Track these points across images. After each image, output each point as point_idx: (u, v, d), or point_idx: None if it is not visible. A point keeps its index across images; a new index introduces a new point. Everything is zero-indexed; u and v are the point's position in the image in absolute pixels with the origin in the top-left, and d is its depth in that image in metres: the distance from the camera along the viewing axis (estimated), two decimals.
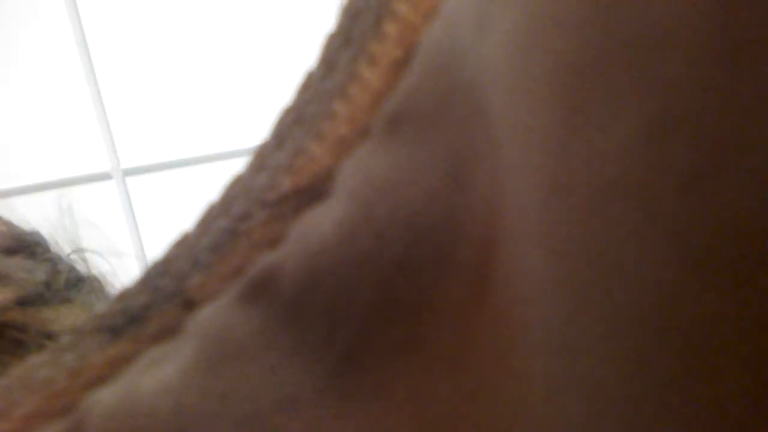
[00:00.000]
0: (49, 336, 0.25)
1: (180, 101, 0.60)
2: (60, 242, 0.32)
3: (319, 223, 0.09)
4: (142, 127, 0.60)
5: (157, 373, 0.09)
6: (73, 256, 0.32)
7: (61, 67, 0.57)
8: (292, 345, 0.09)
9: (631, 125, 0.07)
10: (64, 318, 0.27)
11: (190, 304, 0.09)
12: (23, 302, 0.26)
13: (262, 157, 0.10)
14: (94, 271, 0.32)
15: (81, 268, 0.32)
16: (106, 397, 0.09)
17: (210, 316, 0.09)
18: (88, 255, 0.33)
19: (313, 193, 0.09)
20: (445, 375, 0.08)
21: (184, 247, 0.09)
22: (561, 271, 0.08)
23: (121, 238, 0.61)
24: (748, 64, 0.06)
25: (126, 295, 0.09)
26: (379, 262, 0.09)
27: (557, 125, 0.07)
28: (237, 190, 0.10)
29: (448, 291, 0.09)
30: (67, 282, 0.29)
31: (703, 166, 0.06)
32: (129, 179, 0.61)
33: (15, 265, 0.28)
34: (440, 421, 0.08)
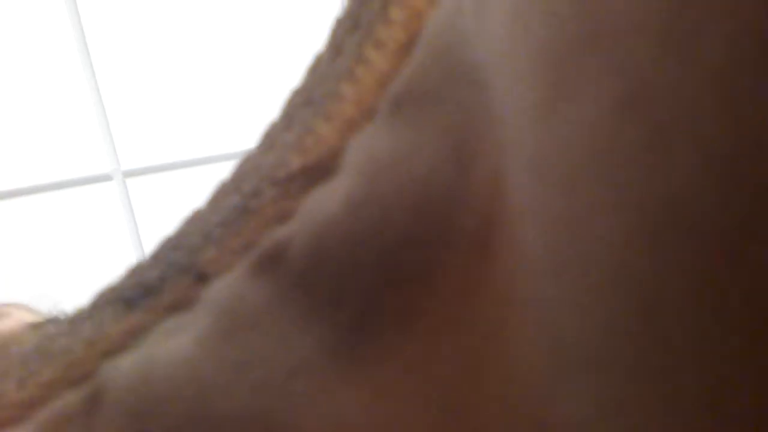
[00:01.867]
0: None
1: (180, 103, 0.60)
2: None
3: (327, 198, 0.09)
4: (142, 129, 0.60)
5: (173, 343, 0.09)
6: None
7: (61, 67, 0.57)
8: (302, 314, 0.09)
9: (600, 103, 0.07)
10: None
11: (203, 277, 0.09)
12: None
13: (272, 137, 0.10)
14: None
15: None
16: (124, 366, 0.09)
17: (223, 288, 0.09)
18: None
19: (320, 171, 0.10)
20: (449, 340, 0.09)
21: (196, 223, 0.10)
22: (546, 244, 0.08)
23: (122, 239, 0.61)
24: (691, 46, 0.07)
25: (139, 268, 0.09)
26: (384, 235, 0.09)
27: (540, 103, 0.08)
28: (247, 168, 0.10)
29: (450, 261, 0.09)
30: None
31: (659, 136, 0.07)
32: (129, 180, 0.61)
33: None
34: (445, 383, 0.09)
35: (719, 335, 0.07)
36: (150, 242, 0.62)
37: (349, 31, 0.10)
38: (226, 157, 0.61)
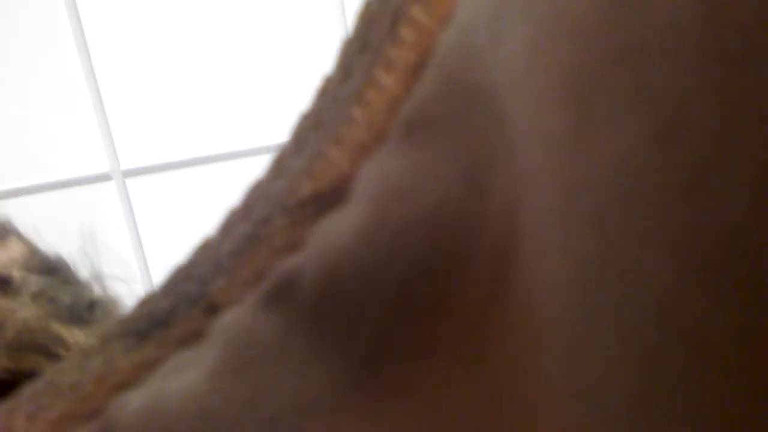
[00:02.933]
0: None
1: (180, 103, 0.60)
2: (79, 265, 0.33)
3: (338, 227, 0.09)
4: (142, 129, 0.60)
5: (183, 378, 0.09)
6: (92, 280, 0.33)
7: (61, 67, 0.57)
8: (313, 348, 0.09)
9: (635, 132, 0.07)
10: (79, 340, 0.27)
11: (213, 309, 0.09)
12: (49, 318, 0.27)
13: (282, 162, 0.10)
14: (110, 294, 0.33)
15: (98, 290, 0.32)
16: (133, 401, 0.09)
17: (232, 320, 0.09)
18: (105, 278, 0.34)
19: (332, 197, 0.09)
20: (464, 377, 0.09)
21: (206, 251, 0.10)
22: (572, 277, 0.08)
23: (121, 239, 0.61)
24: (741, 67, 0.06)
25: (150, 299, 0.09)
26: (397, 266, 0.09)
27: (566, 132, 0.08)
28: (257, 195, 0.10)
29: (465, 294, 0.09)
30: (87, 305, 0.30)
31: (701, 171, 0.07)
32: (129, 180, 0.61)
33: (43, 284, 0.28)
34: (460, 421, 0.09)
35: None
36: (150, 242, 0.62)
37: (358, 53, 0.10)
38: (226, 157, 0.61)
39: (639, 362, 0.07)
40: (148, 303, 0.09)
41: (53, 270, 0.30)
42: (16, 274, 0.28)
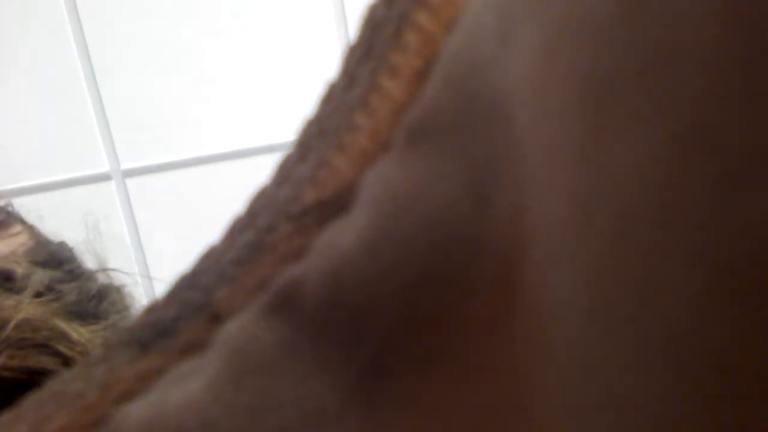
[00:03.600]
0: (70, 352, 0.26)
1: (180, 103, 0.60)
2: (84, 255, 0.33)
3: (342, 235, 0.09)
4: (142, 129, 0.60)
5: (185, 387, 0.09)
6: (97, 269, 0.33)
7: (60, 67, 0.57)
8: (316, 357, 0.09)
9: (655, 141, 0.07)
10: (84, 336, 0.27)
11: (217, 318, 0.09)
12: (52, 316, 0.27)
13: (286, 170, 0.10)
14: (115, 283, 0.33)
15: (103, 280, 0.32)
16: (136, 411, 0.09)
17: (235, 329, 0.09)
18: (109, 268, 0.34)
19: (336, 205, 0.09)
20: (470, 388, 0.08)
21: (210, 259, 0.09)
22: (588, 289, 0.07)
23: (121, 238, 0.61)
24: (764, 70, 0.06)
25: (154, 308, 0.09)
26: (401, 275, 0.09)
27: (580, 141, 0.07)
28: (262, 202, 0.10)
29: (470, 304, 0.09)
30: (92, 297, 0.30)
31: (728, 181, 0.06)
32: (129, 180, 0.61)
33: (48, 279, 0.28)
34: (465, 431, 0.09)
35: None
36: (149, 242, 0.62)
37: (363, 59, 0.10)
38: (225, 157, 0.61)
39: (661, 379, 0.07)
40: (151, 312, 0.09)
41: (58, 261, 0.30)
42: (19, 267, 0.28)
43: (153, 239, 0.62)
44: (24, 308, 0.26)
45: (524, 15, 0.08)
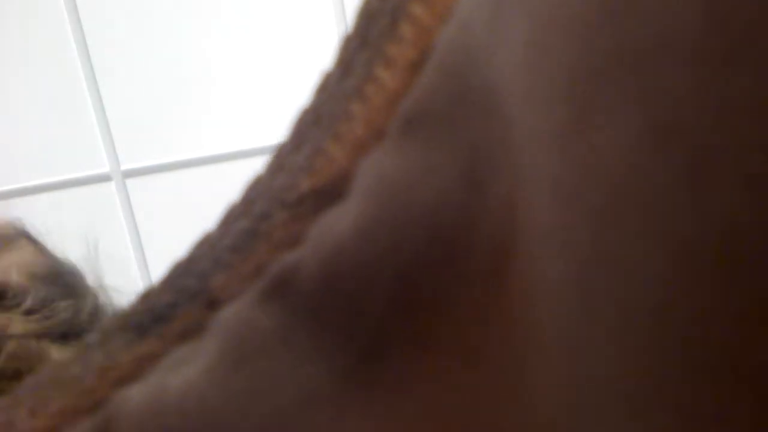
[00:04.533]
0: None
1: (180, 103, 0.60)
2: (85, 271, 0.33)
3: (337, 223, 0.09)
4: (142, 129, 0.60)
5: (183, 372, 0.09)
6: (96, 288, 0.33)
7: (60, 67, 0.57)
8: (312, 342, 0.09)
9: (633, 130, 0.07)
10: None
11: (213, 304, 0.09)
12: (41, 336, 0.27)
13: (281, 158, 0.10)
14: (114, 304, 0.33)
15: (102, 298, 0.33)
16: (134, 395, 0.09)
17: (232, 315, 0.09)
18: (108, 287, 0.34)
19: (331, 193, 0.09)
20: (463, 370, 0.09)
21: (206, 247, 0.10)
22: (570, 274, 0.08)
23: (121, 239, 0.61)
24: (741, 66, 0.06)
25: (150, 294, 0.09)
26: (395, 261, 0.09)
27: (564, 130, 0.08)
28: (257, 190, 0.10)
29: (464, 289, 0.09)
30: (89, 316, 0.30)
31: (699, 169, 0.07)
32: (129, 181, 0.61)
33: (43, 296, 0.28)
34: (458, 415, 0.09)
35: None
36: (150, 242, 0.62)
37: (358, 49, 0.10)
38: (226, 158, 0.61)
39: (636, 358, 0.07)
40: (148, 297, 0.09)
41: (58, 277, 0.30)
42: (15, 282, 0.28)
43: (153, 239, 0.62)
44: (12, 327, 0.26)
45: (512, 5, 0.08)
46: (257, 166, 0.10)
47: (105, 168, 0.60)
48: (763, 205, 0.06)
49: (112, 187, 0.61)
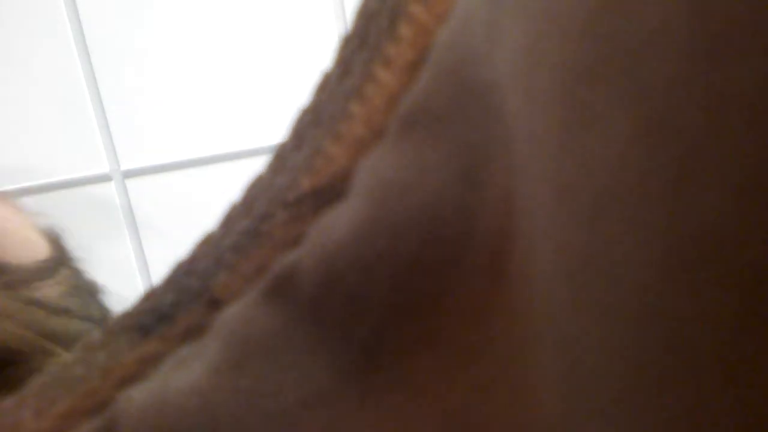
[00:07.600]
0: None
1: (180, 103, 0.60)
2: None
3: (337, 222, 0.09)
4: (142, 129, 0.60)
5: (186, 372, 0.09)
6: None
7: (60, 67, 0.57)
8: (313, 341, 0.09)
9: (624, 130, 0.07)
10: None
11: (215, 303, 0.09)
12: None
13: (282, 158, 0.10)
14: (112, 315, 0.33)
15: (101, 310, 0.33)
16: (137, 395, 0.09)
17: (234, 315, 0.09)
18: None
19: (331, 193, 0.10)
20: (463, 367, 0.09)
21: (208, 246, 0.10)
22: (564, 271, 0.08)
23: (121, 239, 0.61)
24: (727, 64, 0.06)
25: (152, 294, 0.09)
26: (395, 260, 0.09)
27: (559, 129, 0.08)
28: (258, 190, 0.10)
29: (463, 286, 0.09)
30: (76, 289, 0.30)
31: (686, 169, 0.07)
32: (129, 181, 0.61)
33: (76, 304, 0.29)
34: (458, 411, 0.09)
35: (762, 378, 0.06)
36: (150, 242, 0.62)
37: (357, 49, 0.10)
38: (226, 158, 0.61)
39: (625, 355, 0.07)
40: (150, 298, 0.09)
41: (87, 290, 0.31)
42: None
43: (153, 240, 0.62)
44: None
45: (509, 5, 0.09)
46: (257, 166, 0.10)
47: (105, 168, 0.60)
48: (749, 207, 0.06)
49: (112, 187, 0.61)
